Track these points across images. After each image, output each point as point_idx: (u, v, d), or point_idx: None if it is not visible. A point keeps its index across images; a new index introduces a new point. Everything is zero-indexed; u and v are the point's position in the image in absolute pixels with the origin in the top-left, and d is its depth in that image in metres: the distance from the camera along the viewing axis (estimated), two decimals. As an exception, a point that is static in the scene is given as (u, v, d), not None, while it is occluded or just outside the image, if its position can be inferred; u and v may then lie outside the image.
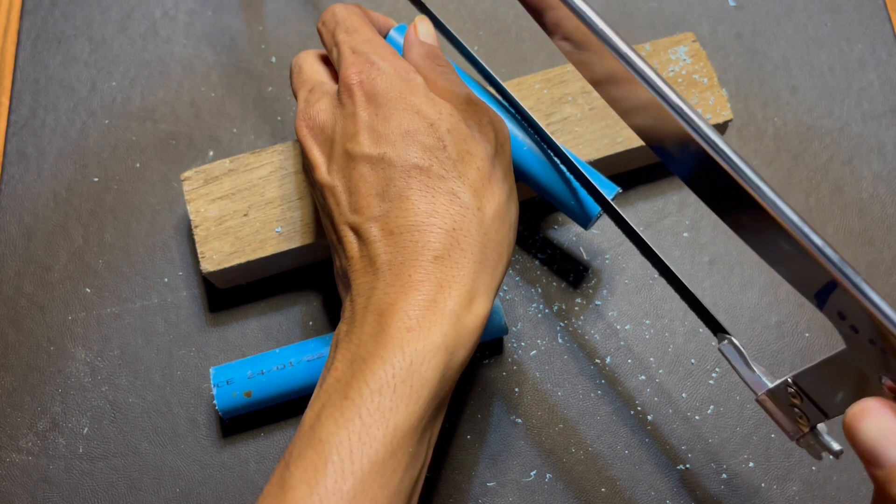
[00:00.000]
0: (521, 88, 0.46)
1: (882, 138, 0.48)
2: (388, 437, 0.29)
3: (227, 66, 0.52)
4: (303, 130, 0.36)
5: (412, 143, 0.33)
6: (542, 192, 0.41)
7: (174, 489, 0.41)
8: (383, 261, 0.32)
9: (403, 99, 0.34)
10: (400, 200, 0.32)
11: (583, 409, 0.42)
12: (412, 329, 0.30)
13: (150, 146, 0.49)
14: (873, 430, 0.25)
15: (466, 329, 0.32)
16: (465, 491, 0.41)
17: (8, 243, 0.47)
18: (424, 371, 0.30)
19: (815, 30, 0.52)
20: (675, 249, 0.46)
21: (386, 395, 0.29)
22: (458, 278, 0.32)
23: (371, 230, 0.33)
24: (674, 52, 0.47)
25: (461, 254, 0.32)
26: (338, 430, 0.29)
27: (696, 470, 0.41)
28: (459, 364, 0.32)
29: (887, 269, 0.45)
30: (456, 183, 0.33)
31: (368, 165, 0.33)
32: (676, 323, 0.44)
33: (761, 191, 0.26)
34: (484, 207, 0.33)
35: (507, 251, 0.34)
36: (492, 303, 0.33)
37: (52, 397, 0.43)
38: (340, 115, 0.35)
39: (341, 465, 0.28)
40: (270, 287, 0.45)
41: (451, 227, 0.32)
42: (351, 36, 0.37)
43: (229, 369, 0.41)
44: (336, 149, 0.34)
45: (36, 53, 0.52)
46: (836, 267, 0.25)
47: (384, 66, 0.35)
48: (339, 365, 0.31)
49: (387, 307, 0.31)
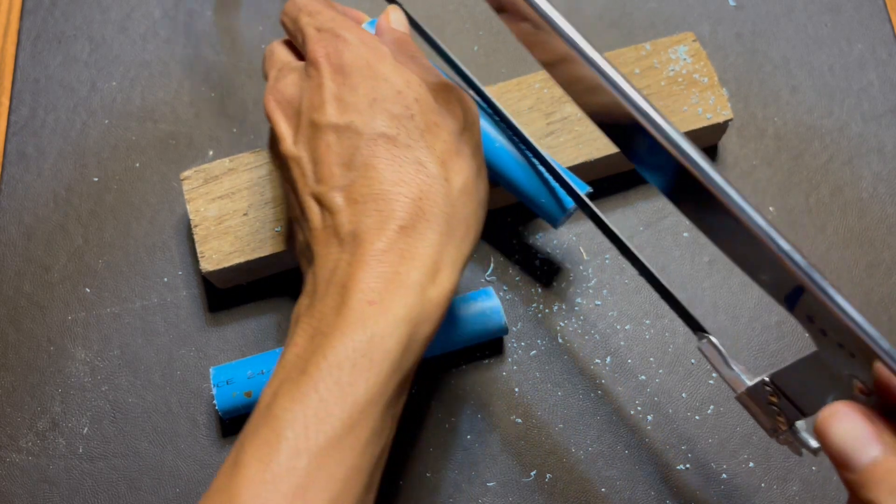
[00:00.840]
0: (521, 88, 0.46)
1: (882, 138, 0.48)
2: (346, 412, 0.28)
3: (227, 66, 0.52)
4: (270, 104, 0.35)
5: (379, 112, 0.33)
6: (512, 189, 0.42)
7: (174, 489, 0.41)
8: (347, 231, 0.31)
9: (371, 68, 0.34)
10: (366, 169, 0.32)
11: (583, 409, 0.42)
12: (374, 302, 0.30)
13: (150, 146, 0.49)
14: (843, 435, 0.25)
15: (431, 302, 0.31)
16: (465, 491, 0.41)
17: (8, 243, 0.47)
18: (386, 345, 0.29)
19: (815, 30, 0.52)
20: (675, 249, 0.46)
21: (345, 370, 0.29)
22: (423, 249, 0.31)
23: (335, 199, 0.32)
24: (674, 52, 0.47)
25: (426, 224, 0.32)
26: (293, 406, 0.28)
27: (696, 470, 0.41)
28: (424, 337, 0.31)
29: (887, 269, 0.45)
30: (423, 152, 0.33)
31: (335, 134, 0.33)
32: (676, 323, 0.44)
33: (727, 193, 0.26)
34: (451, 179, 0.33)
35: (476, 227, 0.34)
36: (458, 276, 0.32)
37: (52, 397, 0.43)
38: (307, 87, 0.34)
39: (296, 442, 0.28)
40: (270, 287, 0.45)
41: (417, 196, 0.32)
42: (314, 17, 0.37)
43: (229, 369, 0.41)
44: (303, 120, 0.34)
45: (36, 53, 0.52)
46: (804, 272, 0.25)
47: (350, 37, 0.35)
48: (299, 340, 0.30)
49: (349, 279, 0.30)
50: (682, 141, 0.27)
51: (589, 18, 0.53)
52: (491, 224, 0.46)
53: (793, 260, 0.25)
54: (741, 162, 0.48)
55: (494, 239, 0.46)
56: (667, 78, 0.46)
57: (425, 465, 0.41)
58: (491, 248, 0.46)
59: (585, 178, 0.46)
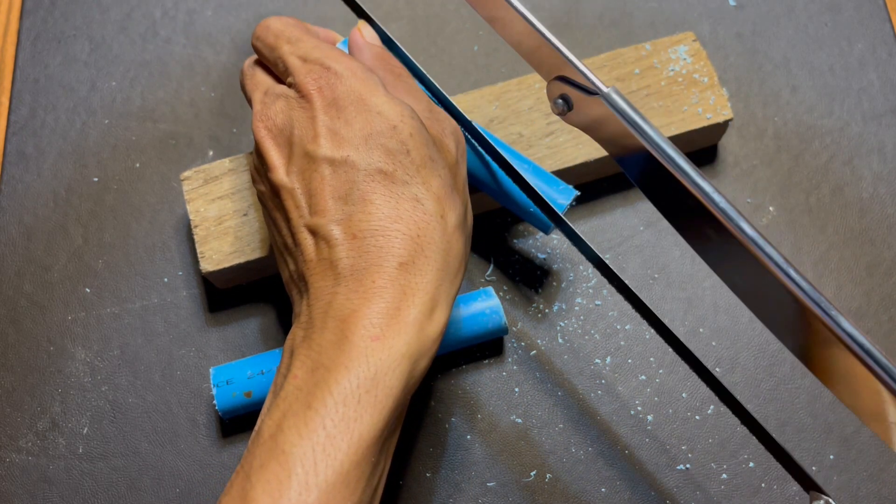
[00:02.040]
0: (521, 88, 0.46)
1: (882, 138, 0.48)
2: (352, 447, 0.28)
3: (227, 66, 0.52)
4: (261, 131, 0.35)
5: (375, 147, 0.33)
6: (502, 200, 0.42)
7: (174, 489, 0.41)
8: (345, 265, 0.31)
9: (364, 101, 0.33)
10: (363, 204, 0.32)
11: (583, 409, 0.42)
12: (377, 338, 0.30)
13: (150, 146, 0.49)
14: None
15: (429, 338, 0.31)
16: (465, 491, 0.41)
17: (8, 243, 0.47)
18: (389, 381, 0.29)
19: (815, 30, 0.52)
20: (675, 249, 0.46)
21: (350, 406, 0.29)
22: (422, 286, 0.31)
23: (333, 232, 0.32)
24: (674, 52, 0.47)
25: (425, 261, 0.32)
26: (301, 441, 0.28)
27: (696, 470, 0.41)
28: (421, 373, 0.31)
29: (887, 269, 0.45)
30: (419, 189, 0.32)
31: (330, 168, 0.33)
32: (676, 323, 0.44)
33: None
34: (447, 216, 0.33)
35: (465, 263, 0.34)
36: (450, 312, 0.33)
37: (52, 397, 0.43)
38: (299, 117, 0.34)
39: (305, 478, 0.28)
40: (270, 287, 0.45)
41: (416, 234, 0.32)
42: (295, 46, 0.36)
43: (229, 369, 0.41)
44: (296, 150, 0.34)
45: (36, 53, 0.52)
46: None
47: (340, 69, 0.34)
48: (299, 372, 0.30)
49: (349, 314, 0.30)
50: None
51: (589, 18, 0.53)
52: (491, 224, 0.46)
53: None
54: (741, 162, 0.48)
55: (494, 239, 0.46)
56: (667, 78, 0.46)
57: (425, 465, 0.41)
58: (491, 248, 0.46)
59: (585, 178, 0.46)
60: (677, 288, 0.45)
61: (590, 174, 0.46)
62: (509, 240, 0.46)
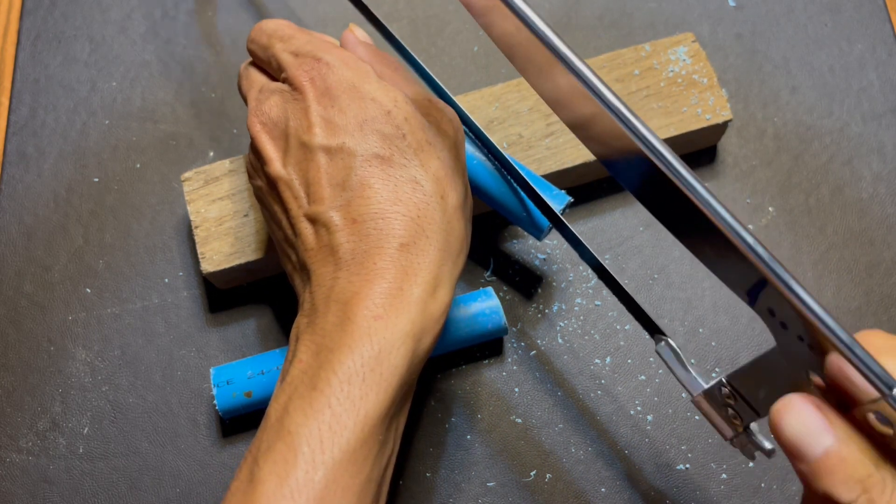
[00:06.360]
0: (521, 88, 0.46)
1: (882, 138, 0.48)
2: (358, 426, 0.29)
3: (227, 66, 0.52)
4: (255, 126, 0.35)
5: (370, 133, 0.33)
6: (494, 205, 0.42)
7: (174, 489, 0.41)
8: (346, 250, 0.32)
9: (356, 89, 0.34)
10: (362, 189, 0.32)
11: (582, 409, 0.42)
12: (379, 317, 0.30)
13: (151, 146, 0.49)
14: (795, 425, 0.25)
15: (432, 316, 0.31)
16: (465, 491, 0.41)
17: (8, 243, 0.47)
18: (393, 359, 0.30)
19: (815, 30, 0.52)
20: (675, 249, 0.46)
21: (355, 385, 0.29)
22: (424, 265, 0.32)
23: (333, 218, 0.32)
24: (674, 53, 0.47)
25: (426, 241, 0.32)
26: (307, 421, 0.29)
27: (696, 470, 0.41)
28: (425, 351, 0.32)
29: (887, 269, 0.45)
30: (418, 171, 0.33)
31: (326, 156, 0.33)
32: (676, 323, 0.44)
33: (688, 182, 0.26)
34: (447, 197, 0.33)
35: (467, 244, 0.34)
36: (453, 292, 0.33)
37: (52, 397, 0.43)
38: (292, 109, 0.34)
39: (312, 456, 0.28)
40: (271, 287, 0.45)
41: (416, 215, 0.32)
42: (287, 43, 0.36)
43: (229, 369, 0.41)
44: (291, 142, 0.34)
45: (36, 53, 0.52)
46: (766, 264, 0.25)
47: (331, 59, 0.34)
48: (304, 356, 0.31)
49: (351, 296, 0.31)
50: (640, 126, 0.27)
51: (589, 19, 0.53)
52: (490, 224, 0.46)
53: (756, 253, 0.25)
54: (741, 162, 0.48)
55: (494, 239, 0.46)
56: (666, 79, 0.46)
57: (425, 465, 0.41)
58: (491, 249, 0.46)
59: (585, 178, 0.46)
60: (677, 288, 0.45)
61: (589, 175, 0.46)
62: (509, 240, 0.46)
